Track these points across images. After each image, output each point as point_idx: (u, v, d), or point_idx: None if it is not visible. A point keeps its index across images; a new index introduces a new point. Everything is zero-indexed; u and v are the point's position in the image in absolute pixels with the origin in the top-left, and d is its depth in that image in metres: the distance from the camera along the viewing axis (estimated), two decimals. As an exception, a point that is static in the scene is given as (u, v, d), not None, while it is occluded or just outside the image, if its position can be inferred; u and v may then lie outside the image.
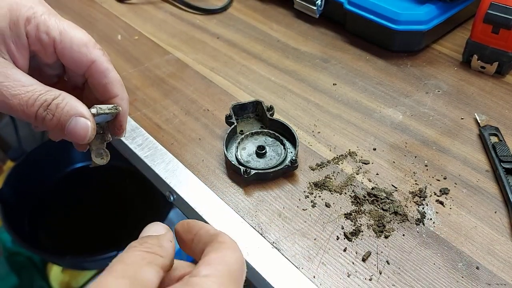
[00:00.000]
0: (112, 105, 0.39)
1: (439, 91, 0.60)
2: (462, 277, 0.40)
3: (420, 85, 0.61)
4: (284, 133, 0.52)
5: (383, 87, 0.61)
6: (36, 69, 0.38)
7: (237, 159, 0.50)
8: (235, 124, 0.52)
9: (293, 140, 0.51)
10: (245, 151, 0.51)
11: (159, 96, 0.60)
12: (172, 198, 0.49)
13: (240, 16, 0.76)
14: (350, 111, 0.58)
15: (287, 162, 0.49)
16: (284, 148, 0.50)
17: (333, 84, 0.62)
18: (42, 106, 0.34)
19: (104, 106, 0.38)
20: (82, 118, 0.35)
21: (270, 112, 0.53)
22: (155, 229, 0.29)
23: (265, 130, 0.53)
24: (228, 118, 0.53)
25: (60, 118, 0.35)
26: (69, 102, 0.35)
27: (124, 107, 0.40)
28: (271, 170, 0.48)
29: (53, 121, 0.35)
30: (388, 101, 0.59)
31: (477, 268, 0.41)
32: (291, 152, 0.51)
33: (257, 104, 0.54)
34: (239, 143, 0.51)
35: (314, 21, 0.74)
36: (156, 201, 1.11)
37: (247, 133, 0.52)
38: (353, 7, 0.67)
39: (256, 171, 0.47)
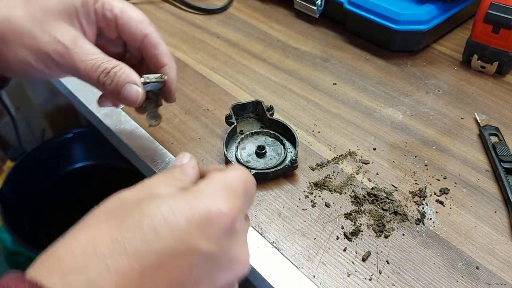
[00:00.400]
0: (159, 75, 0.44)
1: (439, 91, 0.60)
2: (462, 276, 0.40)
3: (420, 85, 0.61)
4: (284, 133, 0.52)
5: (383, 87, 0.61)
6: (101, 47, 0.43)
7: (237, 159, 0.50)
8: (235, 124, 0.52)
9: (293, 140, 0.51)
10: (245, 151, 0.51)
11: (159, 95, 0.60)
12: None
13: (240, 15, 0.76)
14: (350, 111, 0.58)
15: (287, 162, 0.49)
16: (284, 148, 0.50)
17: (333, 83, 0.62)
18: (103, 73, 0.40)
19: (151, 76, 0.43)
20: (134, 85, 0.41)
21: (270, 112, 0.53)
22: (180, 160, 0.33)
23: (265, 130, 0.53)
24: (228, 118, 0.53)
25: (117, 84, 0.41)
26: (125, 71, 0.41)
27: (172, 75, 0.45)
28: (271, 170, 0.48)
29: (111, 86, 0.41)
30: (388, 100, 0.59)
31: (477, 267, 0.41)
32: (291, 152, 0.50)
33: (257, 104, 0.54)
34: (239, 143, 0.51)
35: (314, 21, 0.74)
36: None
37: (247, 133, 0.52)
38: (353, 7, 0.67)
39: (256, 171, 0.47)
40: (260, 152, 0.50)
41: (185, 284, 0.26)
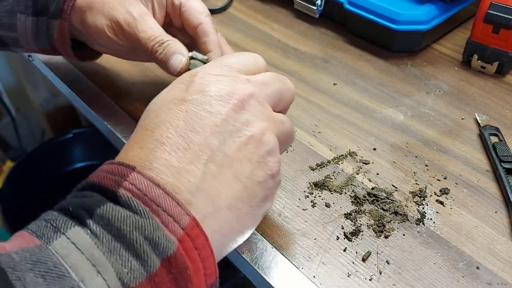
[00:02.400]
0: (206, 56, 0.49)
1: (439, 91, 0.60)
2: (463, 276, 0.40)
3: (420, 85, 0.61)
4: None
5: (384, 87, 0.61)
6: (172, 35, 0.49)
7: None
8: None
9: None
10: None
11: (159, 96, 0.60)
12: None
13: (240, 16, 0.76)
14: (351, 111, 0.58)
15: None
16: None
17: (334, 84, 0.62)
18: (158, 43, 0.47)
19: (199, 54, 0.49)
20: (180, 55, 0.47)
21: None
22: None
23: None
24: None
25: (166, 53, 0.47)
26: (176, 45, 0.48)
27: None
28: None
29: (161, 55, 0.48)
30: (389, 101, 0.59)
31: (478, 268, 0.41)
32: None
33: None
34: None
35: (314, 21, 0.74)
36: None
37: None
38: (353, 7, 0.67)
39: None
40: None
41: (193, 126, 0.32)
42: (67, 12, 0.50)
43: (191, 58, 0.48)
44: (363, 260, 0.41)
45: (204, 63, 0.48)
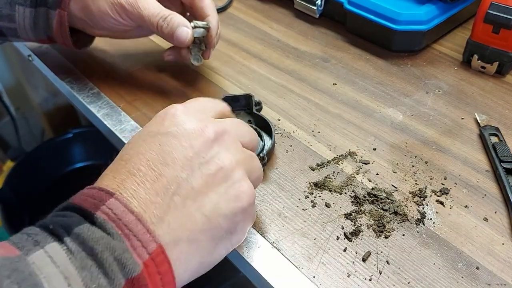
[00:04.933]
0: (205, 22, 0.55)
1: (439, 91, 0.60)
2: (462, 277, 0.40)
3: (420, 85, 0.61)
4: (266, 130, 0.52)
5: (383, 87, 0.61)
6: (165, 6, 0.54)
7: None
8: None
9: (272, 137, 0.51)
10: None
11: (159, 95, 0.60)
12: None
13: (240, 15, 0.76)
14: (350, 111, 0.58)
15: None
16: (262, 145, 0.50)
17: (333, 83, 0.62)
18: (161, 18, 0.52)
19: (199, 22, 0.54)
20: (185, 27, 0.53)
21: (257, 108, 0.53)
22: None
23: (250, 125, 0.53)
24: None
25: (171, 27, 0.52)
26: (178, 18, 0.53)
27: (214, 23, 0.56)
28: None
29: (167, 29, 0.52)
30: (388, 101, 0.59)
31: (477, 268, 0.41)
32: (266, 150, 0.50)
33: (248, 98, 0.54)
34: None
35: (314, 21, 0.74)
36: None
37: None
38: (353, 7, 0.67)
39: None
40: None
41: (164, 159, 0.33)
42: (66, 2, 0.53)
43: (194, 27, 0.53)
44: (363, 260, 0.41)
45: (206, 29, 0.54)
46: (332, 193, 0.47)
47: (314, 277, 0.40)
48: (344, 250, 0.42)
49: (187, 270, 0.33)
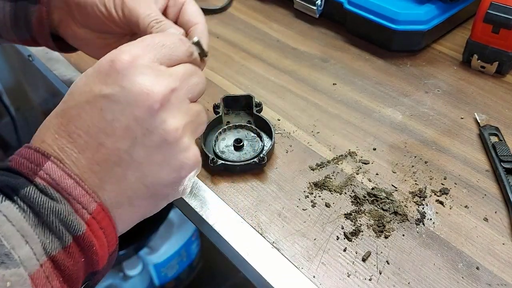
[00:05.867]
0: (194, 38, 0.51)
1: (438, 91, 0.60)
2: (463, 277, 0.40)
3: (419, 85, 0.61)
4: (266, 131, 0.52)
5: (383, 87, 0.61)
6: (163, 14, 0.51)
7: (213, 147, 0.50)
8: (220, 114, 0.53)
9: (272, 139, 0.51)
10: (224, 142, 0.52)
11: (158, 96, 0.60)
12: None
13: (240, 15, 0.76)
14: (350, 111, 0.58)
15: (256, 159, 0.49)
16: (262, 146, 0.51)
17: (333, 84, 0.62)
18: (155, 20, 0.48)
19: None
20: (173, 30, 0.48)
21: (257, 108, 0.54)
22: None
23: (249, 125, 0.53)
24: (215, 108, 0.54)
25: (162, 29, 0.48)
26: (169, 23, 0.48)
27: (204, 40, 0.52)
28: (238, 163, 0.48)
29: (158, 30, 0.48)
30: (388, 101, 0.59)
31: (478, 268, 0.41)
32: (266, 150, 0.50)
33: (249, 99, 0.55)
34: (220, 133, 0.52)
35: (314, 21, 0.74)
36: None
37: (231, 125, 0.53)
38: (353, 7, 0.67)
39: (223, 162, 0.48)
40: (237, 145, 0.51)
41: (105, 127, 0.33)
42: None
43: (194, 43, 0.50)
44: (363, 260, 0.41)
45: (198, 45, 0.50)
46: (332, 193, 0.47)
47: (314, 277, 0.40)
48: (344, 250, 0.42)
49: (128, 225, 0.36)
